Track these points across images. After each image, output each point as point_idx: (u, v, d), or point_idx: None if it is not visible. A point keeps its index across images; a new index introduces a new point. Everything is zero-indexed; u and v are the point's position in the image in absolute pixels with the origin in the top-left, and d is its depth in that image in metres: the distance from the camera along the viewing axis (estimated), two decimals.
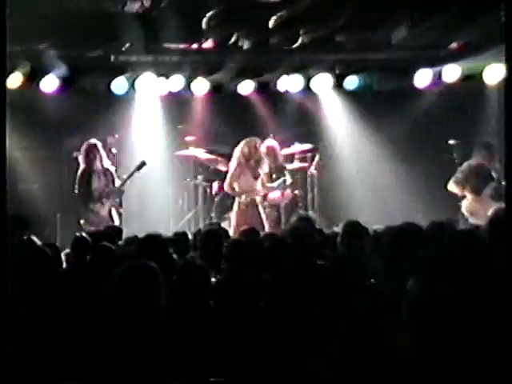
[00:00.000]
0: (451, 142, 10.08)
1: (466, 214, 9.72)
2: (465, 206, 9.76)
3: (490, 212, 9.18)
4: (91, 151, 9.71)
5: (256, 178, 9.93)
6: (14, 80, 9.78)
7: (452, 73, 10.80)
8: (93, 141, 9.82)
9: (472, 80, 10.83)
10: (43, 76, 10.14)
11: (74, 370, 3.79)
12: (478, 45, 10.49)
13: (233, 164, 9.93)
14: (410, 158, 11.20)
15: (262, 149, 10.06)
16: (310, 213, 10.77)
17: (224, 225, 9.71)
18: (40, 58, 9.90)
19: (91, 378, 3.68)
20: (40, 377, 3.94)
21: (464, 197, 9.79)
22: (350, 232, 6.00)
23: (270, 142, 10.65)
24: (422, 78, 10.90)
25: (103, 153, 9.82)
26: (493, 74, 10.78)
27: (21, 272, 4.67)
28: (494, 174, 9.75)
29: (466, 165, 9.80)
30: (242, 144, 9.92)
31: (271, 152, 10.46)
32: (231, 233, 8.50)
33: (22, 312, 4.35)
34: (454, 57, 10.78)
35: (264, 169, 10.00)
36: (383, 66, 10.92)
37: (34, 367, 3.94)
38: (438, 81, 10.90)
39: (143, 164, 9.73)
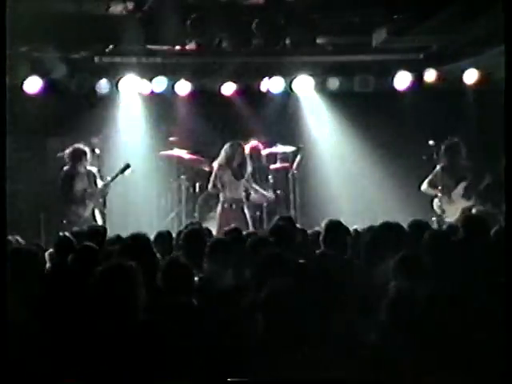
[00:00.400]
0: (431, 142, 10.12)
1: (438, 212, 9.86)
2: (437, 204, 9.91)
3: (460, 210, 9.40)
4: (79, 155, 9.63)
5: (239, 179, 9.94)
6: None
7: (431, 75, 10.83)
8: (82, 146, 9.73)
9: (451, 82, 10.88)
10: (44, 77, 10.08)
11: (56, 369, 3.74)
12: (457, 48, 10.55)
13: (216, 165, 9.95)
14: (390, 158, 11.21)
15: (246, 149, 10.08)
16: (292, 212, 10.76)
17: (208, 224, 9.70)
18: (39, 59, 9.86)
19: (72, 376, 3.63)
20: (21, 376, 3.89)
21: (437, 196, 9.93)
22: (332, 231, 5.99)
23: (254, 143, 10.67)
24: (402, 80, 10.92)
25: (89, 157, 9.76)
26: (471, 76, 10.85)
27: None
28: (464, 174, 9.87)
29: (438, 167, 9.94)
30: (226, 146, 9.94)
31: (255, 152, 10.48)
32: (215, 232, 8.48)
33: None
34: (433, 60, 10.82)
35: (247, 170, 10.02)
36: (364, 68, 10.93)
37: (16, 367, 3.88)
38: (418, 83, 10.93)
39: (127, 166, 9.67)
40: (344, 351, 3.94)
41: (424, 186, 10.04)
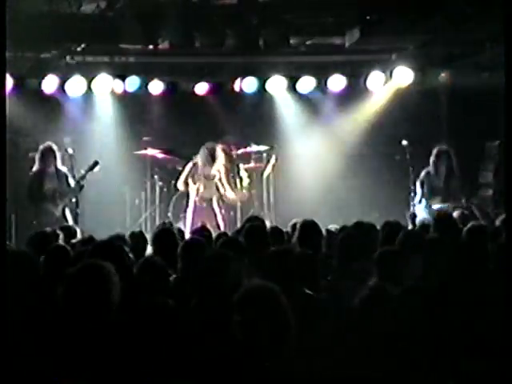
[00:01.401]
0: (404, 142, 10.16)
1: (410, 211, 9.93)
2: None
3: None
4: (47, 154, 9.56)
5: (211, 179, 9.96)
6: None
7: (403, 75, 10.87)
8: (48, 143, 9.66)
9: (423, 82, 10.94)
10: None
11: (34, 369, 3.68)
12: (429, 49, 10.62)
13: (190, 164, 9.96)
14: (363, 158, 11.25)
15: (219, 150, 10.08)
16: (266, 212, 10.76)
17: (181, 224, 9.69)
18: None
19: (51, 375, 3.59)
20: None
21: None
22: (308, 231, 5.99)
23: (226, 142, 10.66)
24: (375, 80, 10.95)
25: (58, 155, 9.66)
26: (442, 77, 10.94)
27: None
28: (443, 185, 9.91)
29: (423, 171, 9.98)
30: (203, 147, 9.95)
31: (226, 153, 10.46)
32: (187, 231, 8.47)
33: None
34: (405, 60, 10.87)
35: (220, 171, 10.05)
36: (337, 68, 10.95)
37: None
38: (390, 83, 10.97)
39: (96, 164, 9.57)
40: (321, 347, 3.92)
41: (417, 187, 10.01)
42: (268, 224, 7.53)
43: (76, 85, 10.35)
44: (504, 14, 5.33)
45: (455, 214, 8.37)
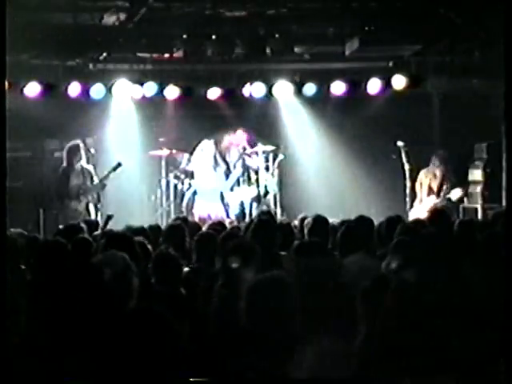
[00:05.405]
0: (399, 143, 10.16)
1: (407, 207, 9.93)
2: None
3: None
4: (74, 151, 9.60)
5: (214, 169, 9.99)
6: None
7: (399, 81, 10.84)
8: (75, 142, 9.71)
9: (417, 87, 10.91)
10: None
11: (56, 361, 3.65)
12: (423, 57, 10.60)
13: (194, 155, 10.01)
14: (362, 158, 11.24)
15: (226, 142, 10.12)
16: (272, 207, 10.76)
17: (194, 218, 9.70)
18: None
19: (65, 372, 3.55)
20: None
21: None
22: (319, 224, 6.00)
23: (238, 134, 10.67)
24: (373, 85, 10.92)
25: (83, 153, 9.70)
26: (435, 82, 10.90)
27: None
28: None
29: (422, 172, 10.04)
30: (202, 141, 10.03)
31: (236, 143, 10.48)
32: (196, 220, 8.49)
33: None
34: (401, 67, 10.85)
35: (221, 165, 10.08)
36: (338, 74, 10.94)
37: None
38: (387, 88, 10.94)
39: (119, 165, 9.64)
40: (329, 338, 3.88)
41: (417, 185, 10.07)
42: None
43: (98, 90, 10.38)
44: (504, 13, 5.26)
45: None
